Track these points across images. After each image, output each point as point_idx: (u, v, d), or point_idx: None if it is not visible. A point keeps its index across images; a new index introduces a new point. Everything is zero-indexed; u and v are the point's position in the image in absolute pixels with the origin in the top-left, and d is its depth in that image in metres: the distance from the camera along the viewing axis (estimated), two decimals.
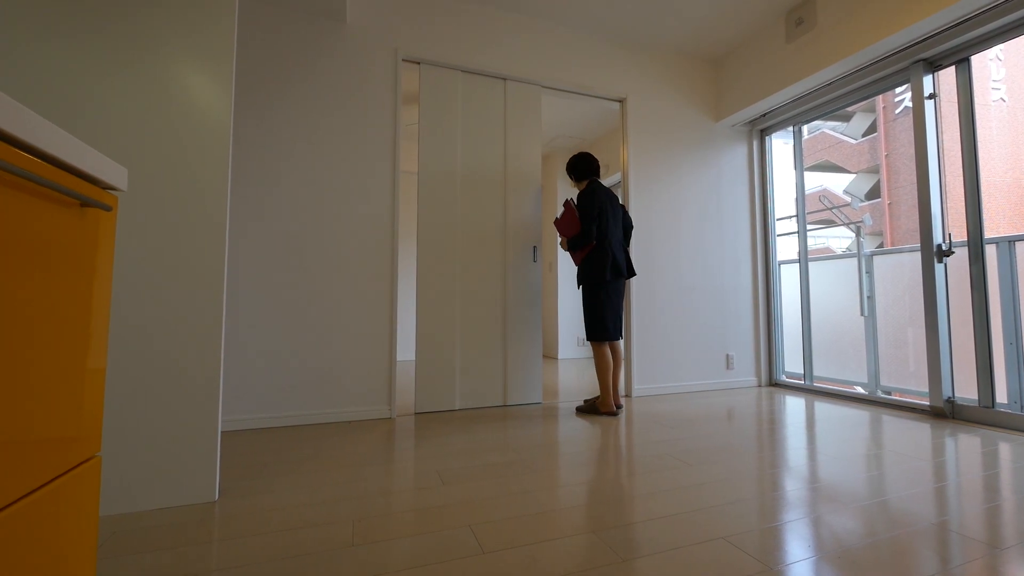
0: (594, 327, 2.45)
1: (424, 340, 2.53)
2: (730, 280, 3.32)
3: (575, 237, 2.45)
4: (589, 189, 2.49)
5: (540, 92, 2.89)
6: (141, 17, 1.36)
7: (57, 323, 0.55)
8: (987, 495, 1.39)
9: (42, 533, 0.52)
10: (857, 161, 13.66)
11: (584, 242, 2.41)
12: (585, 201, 2.44)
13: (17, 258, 0.48)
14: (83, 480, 0.60)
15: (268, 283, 2.25)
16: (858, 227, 3.33)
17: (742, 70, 3.19)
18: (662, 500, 1.37)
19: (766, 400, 2.84)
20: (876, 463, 1.69)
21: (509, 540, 1.13)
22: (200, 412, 1.36)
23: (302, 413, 2.26)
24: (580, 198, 2.47)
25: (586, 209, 2.42)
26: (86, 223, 0.61)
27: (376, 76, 2.49)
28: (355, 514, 1.28)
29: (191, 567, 1.02)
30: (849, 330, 3.05)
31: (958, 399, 2.38)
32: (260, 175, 2.26)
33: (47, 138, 0.51)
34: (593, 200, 2.44)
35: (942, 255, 2.42)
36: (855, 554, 1.06)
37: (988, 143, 10.76)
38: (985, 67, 11.10)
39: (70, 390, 0.58)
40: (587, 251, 2.45)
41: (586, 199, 2.44)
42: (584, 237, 2.41)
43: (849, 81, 2.74)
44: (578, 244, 2.44)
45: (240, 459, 1.74)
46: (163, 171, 1.36)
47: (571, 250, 2.50)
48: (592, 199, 2.44)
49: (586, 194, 2.46)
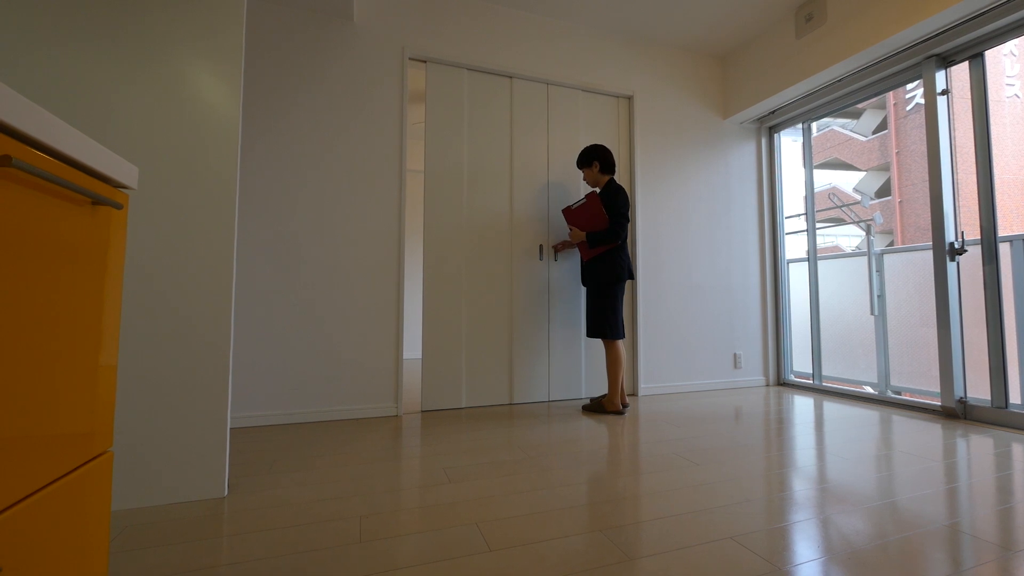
0: (613, 325, 2.40)
1: (431, 338, 2.54)
2: (738, 279, 3.30)
3: (600, 233, 2.39)
4: (617, 186, 2.45)
5: (547, 90, 2.88)
6: (151, 19, 1.37)
7: (70, 320, 0.56)
8: (1000, 497, 1.37)
9: (56, 526, 0.52)
10: (867, 158, 13.51)
11: (611, 239, 2.37)
12: (620, 198, 2.39)
13: (31, 255, 0.49)
14: (95, 475, 0.61)
15: (276, 281, 2.26)
16: (868, 225, 3.29)
17: (750, 67, 3.16)
18: (669, 499, 1.36)
19: (774, 399, 2.82)
20: (886, 464, 1.67)
21: (516, 538, 1.13)
22: (210, 409, 1.37)
23: (310, 410, 2.27)
24: (612, 194, 2.40)
25: (620, 207, 2.38)
26: (98, 221, 0.61)
27: (383, 75, 2.50)
28: (362, 511, 1.28)
29: (201, 561, 1.03)
30: (859, 329, 3.02)
31: (970, 399, 2.35)
32: (269, 174, 2.28)
33: (60, 137, 0.52)
34: (626, 198, 2.41)
35: (954, 253, 2.39)
36: (864, 555, 1.05)
37: (1002, 140, 10.59)
38: (999, 62, 10.91)
39: (83, 386, 0.58)
40: (605, 249, 2.41)
41: (620, 196, 2.40)
42: (614, 235, 2.36)
43: (859, 77, 2.71)
44: (602, 240, 2.38)
45: (249, 456, 1.76)
46: (173, 170, 1.37)
47: (591, 245, 2.42)
48: (625, 196, 2.42)
49: (618, 191, 2.41)
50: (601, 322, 2.42)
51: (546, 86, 2.89)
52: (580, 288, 2.86)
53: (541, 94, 2.88)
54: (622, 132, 3.08)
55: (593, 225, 2.43)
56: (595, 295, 2.46)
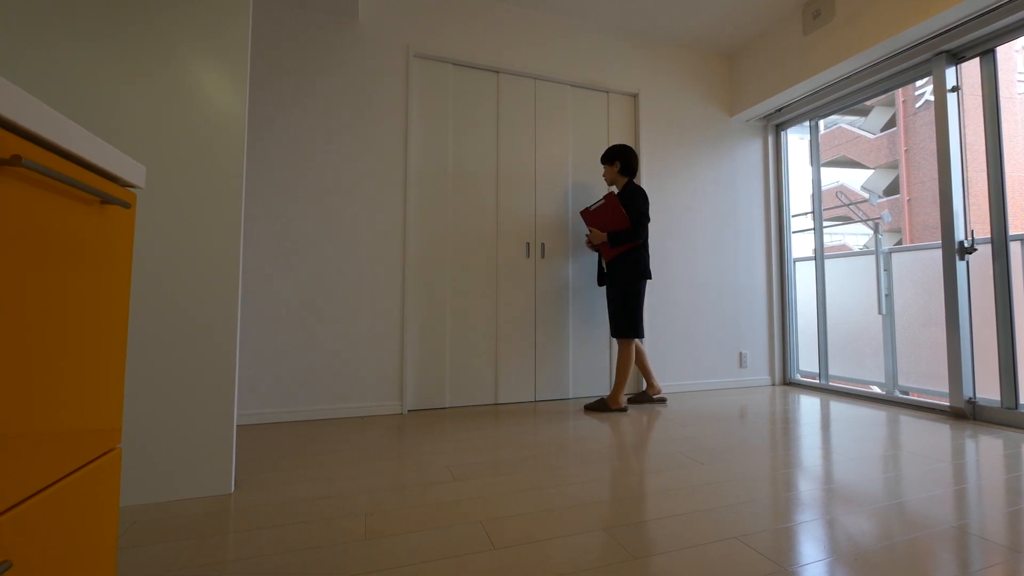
0: (633, 324, 2.44)
1: (417, 337, 2.54)
2: (744, 277, 3.28)
3: (623, 232, 2.41)
4: (636, 185, 2.50)
5: (560, 89, 2.88)
6: (157, 18, 1.38)
7: (78, 318, 0.56)
8: (1010, 498, 1.35)
9: (65, 521, 0.53)
10: (875, 156, 13.36)
11: (635, 238, 2.40)
12: (639, 197, 2.44)
13: (40, 253, 0.49)
14: (104, 471, 0.62)
15: (282, 279, 2.28)
16: (876, 224, 3.26)
17: (757, 64, 3.14)
18: (674, 498, 1.36)
19: (780, 399, 2.80)
20: (893, 464, 1.66)
21: (520, 536, 1.14)
22: (216, 406, 1.38)
23: (315, 408, 2.29)
24: (632, 195, 2.45)
25: (640, 206, 2.42)
26: (106, 220, 0.62)
27: (388, 73, 2.50)
28: (367, 508, 1.29)
29: (208, 557, 1.04)
30: (866, 329, 2.99)
31: (979, 400, 2.32)
32: (275, 172, 2.29)
33: (69, 137, 0.53)
34: (645, 197, 2.47)
35: (964, 252, 2.36)
36: (871, 556, 1.05)
37: (1014, 137, 10.44)
38: (1011, 58, 10.75)
39: (91, 383, 0.59)
40: (626, 248, 2.43)
41: (639, 195, 2.44)
42: (636, 234, 2.40)
43: (868, 74, 2.68)
44: (625, 240, 2.41)
45: (255, 452, 1.77)
46: (180, 169, 1.38)
47: (613, 245, 2.44)
48: (645, 196, 2.47)
49: (636, 190, 2.46)
50: (619, 320, 2.45)
51: (556, 85, 2.88)
52: (568, 288, 2.83)
53: (547, 92, 2.87)
54: (627, 130, 3.06)
55: (613, 225, 2.45)
56: (619, 294, 2.46)
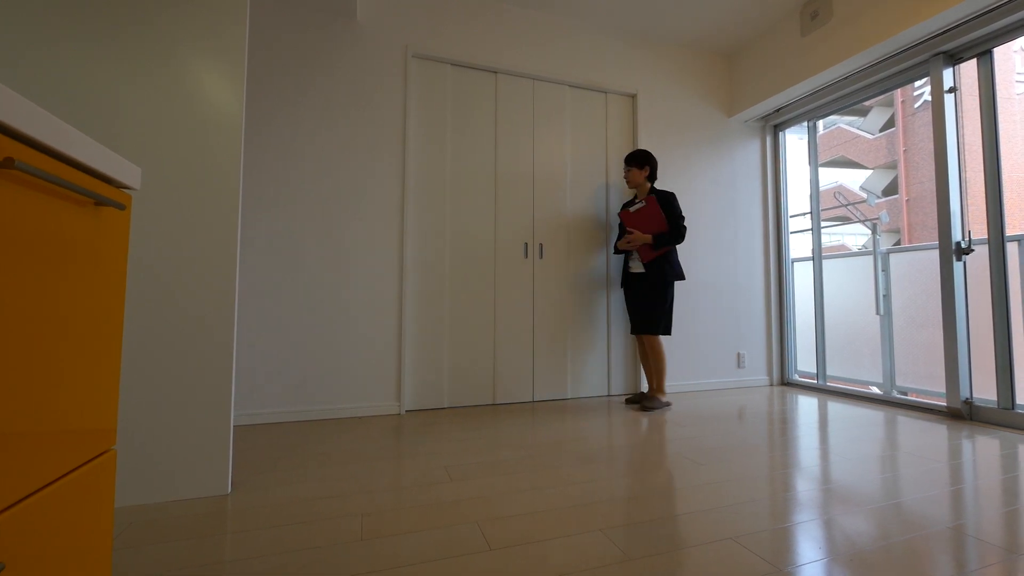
0: (668, 322, 2.56)
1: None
2: (742, 278, 3.28)
3: (665, 235, 2.50)
4: (668, 191, 2.67)
5: (556, 89, 2.88)
6: (154, 19, 1.38)
7: (73, 319, 0.56)
8: (1006, 499, 1.36)
9: (60, 522, 0.53)
10: (874, 157, 13.38)
11: (676, 240, 2.51)
12: (675, 202, 2.55)
13: (34, 255, 0.49)
14: (99, 472, 0.62)
15: (279, 280, 2.27)
16: (874, 224, 3.27)
17: (756, 65, 3.14)
18: (671, 499, 1.36)
19: (778, 399, 2.80)
20: (891, 464, 1.66)
21: (517, 537, 1.14)
22: (213, 406, 1.38)
23: (312, 408, 2.28)
24: (668, 197, 2.55)
25: (677, 210, 2.54)
26: (101, 221, 0.62)
27: (386, 73, 2.50)
28: (364, 509, 1.29)
29: (204, 558, 1.04)
30: (864, 329, 3.00)
31: (976, 400, 2.33)
32: (272, 172, 2.29)
33: (63, 139, 0.52)
34: (677, 201, 2.60)
35: (961, 253, 2.37)
36: (868, 557, 1.05)
37: (1011, 138, 10.47)
38: (1009, 59, 10.77)
39: (86, 384, 0.59)
40: (665, 250, 2.53)
41: (674, 200, 2.56)
42: (679, 237, 2.50)
43: (866, 75, 2.68)
44: (668, 242, 2.50)
45: (252, 453, 1.77)
46: (177, 168, 1.38)
47: (656, 247, 2.52)
48: (677, 200, 2.62)
49: (671, 195, 2.57)
50: (658, 318, 2.54)
51: (555, 85, 2.88)
52: (567, 288, 2.83)
53: (546, 92, 2.87)
54: (626, 130, 3.06)
55: (655, 227, 2.52)
56: (654, 293, 2.55)
